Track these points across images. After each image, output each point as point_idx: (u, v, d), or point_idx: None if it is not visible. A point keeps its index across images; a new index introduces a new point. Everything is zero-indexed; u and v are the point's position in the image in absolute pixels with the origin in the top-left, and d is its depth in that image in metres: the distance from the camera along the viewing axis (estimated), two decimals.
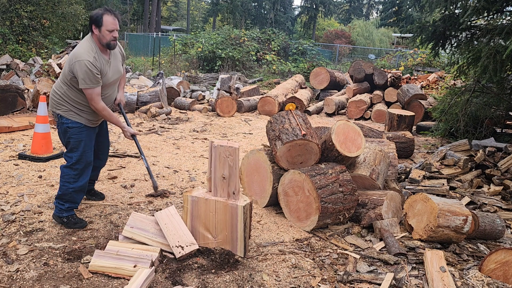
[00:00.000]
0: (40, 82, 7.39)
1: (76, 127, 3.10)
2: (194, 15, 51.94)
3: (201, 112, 8.99)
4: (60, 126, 3.15)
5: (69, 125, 3.09)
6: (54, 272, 2.57)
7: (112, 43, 3.00)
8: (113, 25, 2.93)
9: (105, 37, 2.94)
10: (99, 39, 2.97)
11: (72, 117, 3.09)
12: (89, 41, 2.98)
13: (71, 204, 3.21)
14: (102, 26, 2.91)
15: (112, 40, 2.98)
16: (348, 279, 2.68)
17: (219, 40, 16.92)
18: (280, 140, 3.50)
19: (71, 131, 3.10)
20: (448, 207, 3.22)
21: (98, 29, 2.93)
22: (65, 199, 3.18)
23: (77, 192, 3.21)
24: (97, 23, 2.91)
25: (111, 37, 2.95)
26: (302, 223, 3.41)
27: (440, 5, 5.68)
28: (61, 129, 3.16)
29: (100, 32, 2.93)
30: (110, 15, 2.92)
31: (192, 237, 2.89)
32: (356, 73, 10.80)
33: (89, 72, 2.88)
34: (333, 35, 35.28)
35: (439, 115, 6.88)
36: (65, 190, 3.17)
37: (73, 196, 3.20)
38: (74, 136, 3.11)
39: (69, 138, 3.12)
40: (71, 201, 3.21)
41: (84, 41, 3.00)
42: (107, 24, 2.90)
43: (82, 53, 2.90)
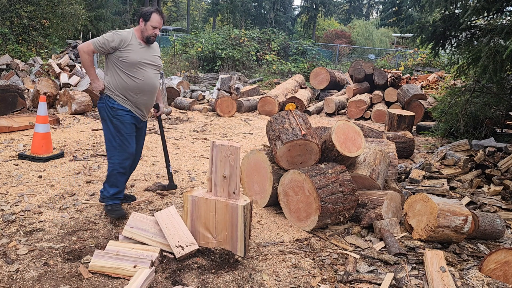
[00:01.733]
0: (40, 82, 7.39)
1: (121, 109, 3.34)
2: (194, 15, 51.93)
3: (201, 112, 8.99)
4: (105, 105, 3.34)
5: (115, 106, 3.32)
6: (54, 272, 2.57)
7: (152, 38, 3.35)
8: (157, 23, 3.31)
9: (148, 31, 3.31)
10: (142, 31, 3.33)
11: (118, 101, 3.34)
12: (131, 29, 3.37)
13: (115, 189, 3.41)
14: (148, 21, 3.28)
15: (152, 36, 3.34)
16: (348, 279, 2.68)
17: (219, 40, 16.93)
18: (280, 140, 3.50)
19: (116, 111, 3.33)
20: (448, 207, 3.22)
21: (144, 22, 3.30)
22: (111, 181, 3.39)
23: (120, 174, 3.41)
24: (145, 17, 3.29)
25: (152, 32, 3.32)
26: (302, 223, 3.41)
27: (440, 5, 5.68)
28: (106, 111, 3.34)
29: (145, 25, 3.30)
30: (158, 15, 3.31)
31: (192, 237, 2.89)
32: (356, 73, 10.80)
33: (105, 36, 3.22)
34: (333, 35, 35.27)
35: (439, 115, 6.88)
36: (110, 171, 3.39)
37: (117, 178, 3.40)
38: (118, 117, 3.33)
39: (113, 117, 3.32)
40: (115, 185, 3.40)
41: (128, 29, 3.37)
42: (153, 20, 3.29)
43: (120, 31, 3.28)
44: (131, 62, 3.29)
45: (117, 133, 3.35)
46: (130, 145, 3.42)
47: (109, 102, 3.32)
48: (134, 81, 3.33)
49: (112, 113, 3.32)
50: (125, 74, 3.30)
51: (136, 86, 3.35)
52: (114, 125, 3.33)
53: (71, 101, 7.31)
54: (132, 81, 3.32)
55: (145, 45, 3.38)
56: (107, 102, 3.33)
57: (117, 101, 3.32)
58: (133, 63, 3.30)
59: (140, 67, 3.34)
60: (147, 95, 3.44)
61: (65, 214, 3.41)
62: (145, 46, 3.38)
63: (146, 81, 3.39)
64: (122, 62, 3.27)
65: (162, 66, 3.62)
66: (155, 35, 3.35)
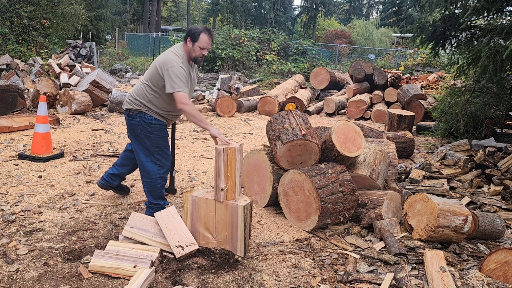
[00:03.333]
0: (40, 82, 7.39)
1: (159, 124, 3.25)
2: (194, 15, 51.95)
3: (201, 112, 8.99)
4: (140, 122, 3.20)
5: (152, 122, 3.21)
6: (54, 272, 2.57)
7: (199, 59, 3.20)
8: (206, 44, 3.15)
9: (195, 52, 3.15)
10: (189, 51, 3.17)
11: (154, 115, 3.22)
12: (179, 48, 3.17)
13: (161, 200, 3.38)
14: (197, 42, 3.11)
15: (200, 57, 3.18)
16: (348, 279, 2.68)
17: (219, 40, 16.92)
18: (280, 140, 3.50)
19: (154, 127, 3.22)
20: (448, 207, 3.22)
21: (192, 43, 3.13)
22: (155, 195, 3.33)
23: (163, 186, 3.37)
24: (193, 37, 3.12)
25: (200, 53, 3.16)
26: (302, 223, 3.41)
27: (440, 5, 5.68)
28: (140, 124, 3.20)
29: (193, 46, 3.13)
30: (207, 35, 3.14)
31: (192, 237, 2.89)
32: (356, 73, 10.80)
33: (181, 75, 3.04)
34: (333, 35, 35.27)
35: (439, 115, 6.88)
36: (153, 186, 3.31)
37: (161, 191, 3.36)
38: (156, 132, 3.23)
39: (150, 133, 3.22)
40: (160, 197, 3.37)
41: (174, 48, 3.17)
42: (202, 41, 3.12)
43: (173, 59, 3.06)
44: None
45: (156, 148, 3.26)
46: (169, 157, 3.39)
47: (145, 119, 3.19)
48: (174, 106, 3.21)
49: (150, 129, 3.21)
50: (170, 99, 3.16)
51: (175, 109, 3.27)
52: (152, 141, 3.23)
53: (71, 101, 7.32)
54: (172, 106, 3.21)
55: (191, 68, 3.26)
56: (143, 119, 3.19)
57: (154, 117, 3.21)
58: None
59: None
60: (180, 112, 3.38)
61: (65, 214, 3.41)
62: (191, 70, 3.26)
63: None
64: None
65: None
66: (203, 56, 3.19)
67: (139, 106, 3.21)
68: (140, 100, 3.21)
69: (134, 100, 3.23)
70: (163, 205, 3.38)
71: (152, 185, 3.32)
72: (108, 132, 6.49)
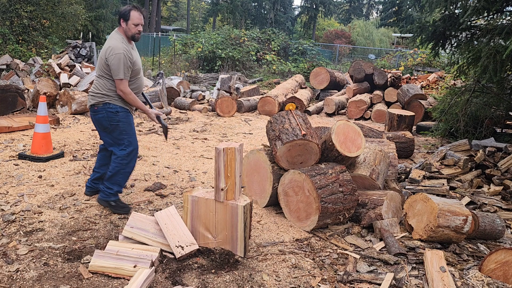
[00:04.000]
0: (40, 82, 7.39)
1: (124, 111, 3.39)
2: (194, 15, 51.94)
3: (201, 112, 8.99)
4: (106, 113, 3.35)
5: (118, 109, 3.35)
6: (54, 272, 2.57)
7: (137, 36, 3.34)
8: (138, 20, 3.29)
9: (131, 30, 3.30)
10: (125, 31, 3.32)
11: (118, 103, 3.37)
12: (116, 33, 3.32)
13: (118, 187, 3.50)
14: (129, 20, 3.26)
15: (137, 33, 3.32)
16: (348, 279, 2.68)
17: (219, 40, 16.92)
18: (280, 140, 3.50)
19: (120, 114, 3.36)
20: (448, 207, 3.22)
21: (125, 22, 3.28)
22: (114, 181, 3.45)
23: (126, 175, 3.50)
24: (125, 17, 3.26)
25: (136, 30, 3.30)
26: (302, 223, 3.41)
27: (440, 5, 5.67)
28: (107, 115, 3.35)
29: (127, 25, 3.28)
30: (136, 11, 3.28)
31: (192, 237, 2.89)
32: (356, 73, 10.80)
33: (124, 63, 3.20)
34: (333, 35, 35.27)
35: (439, 115, 6.87)
36: (116, 172, 3.43)
37: (122, 178, 3.49)
38: (123, 119, 3.37)
39: (118, 121, 3.36)
40: (118, 184, 3.48)
41: (113, 34, 3.33)
42: (133, 18, 3.26)
43: (114, 46, 3.22)
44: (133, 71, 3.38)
45: (125, 135, 3.41)
46: (136, 142, 3.51)
47: (110, 109, 3.34)
48: (134, 85, 3.43)
49: (117, 118, 3.36)
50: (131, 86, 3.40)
51: (135, 88, 3.45)
52: (120, 128, 3.38)
53: (71, 101, 7.32)
54: (132, 84, 3.41)
55: (132, 45, 3.40)
56: (108, 109, 3.34)
57: (118, 105, 3.36)
58: (135, 71, 3.39)
59: (138, 71, 3.45)
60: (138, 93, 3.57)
61: (65, 214, 3.41)
62: (132, 46, 3.40)
63: (141, 82, 3.54)
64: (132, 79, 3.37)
65: None
66: (139, 32, 3.33)
67: (102, 98, 3.34)
68: (101, 92, 3.34)
69: (96, 94, 3.37)
70: (115, 191, 3.49)
71: (117, 169, 3.44)
72: None
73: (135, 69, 3.38)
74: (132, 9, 3.26)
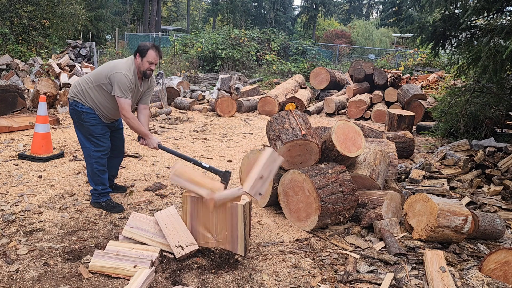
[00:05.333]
0: (40, 82, 7.39)
1: (90, 112, 3.41)
2: (194, 15, 51.94)
3: (201, 112, 8.99)
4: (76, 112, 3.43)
5: (84, 110, 3.39)
6: (54, 272, 2.57)
7: (148, 73, 3.42)
8: (154, 60, 3.37)
9: (144, 66, 3.36)
10: (138, 66, 3.38)
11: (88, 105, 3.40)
12: (131, 62, 3.39)
13: (103, 186, 3.54)
14: (145, 57, 3.33)
15: (148, 70, 3.40)
16: (348, 279, 2.67)
17: (219, 40, 16.92)
18: (280, 140, 3.50)
19: (85, 115, 3.40)
20: (448, 207, 3.22)
21: (141, 58, 3.35)
22: (95, 180, 3.50)
23: (101, 172, 3.52)
24: (142, 53, 3.34)
25: (148, 67, 3.38)
26: (302, 223, 3.41)
27: (440, 5, 5.67)
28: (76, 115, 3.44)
29: (142, 61, 3.35)
30: (155, 51, 3.35)
31: (192, 237, 2.89)
32: (356, 73, 10.80)
33: (126, 84, 3.28)
34: (333, 35, 35.26)
35: (439, 115, 6.87)
36: (92, 172, 3.49)
37: (100, 176, 3.51)
38: (87, 120, 3.40)
39: (83, 121, 3.40)
40: (101, 183, 3.52)
41: (128, 60, 3.40)
42: (149, 57, 3.34)
43: (123, 66, 3.30)
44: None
45: (89, 135, 3.45)
46: (105, 143, 3.52)
47: (77, 107, 3.40)
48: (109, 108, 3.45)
49: (82, 117, 3.40)
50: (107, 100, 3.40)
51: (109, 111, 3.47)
52: (84, 128, 3.43)
53: None
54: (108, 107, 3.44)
55: (140, 84, 3.47)
56: (75, 107, 3.42)
57: (86, 105, 3.40)
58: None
59: None
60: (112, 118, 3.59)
61: (65, 214, 3.41)
62: (141, 85, 3.47)
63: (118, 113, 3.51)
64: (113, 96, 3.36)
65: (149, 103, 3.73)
66: (151, 70, 3.41)
67: (74, 94, 3.42)
68: (77, 88, 3.42)
69: (73, 88, 3.45)
70: (101, 191, 3.53)
71: (91, 170, 3.50)
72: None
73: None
74: (151, 48, 3.34)
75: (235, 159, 5.47)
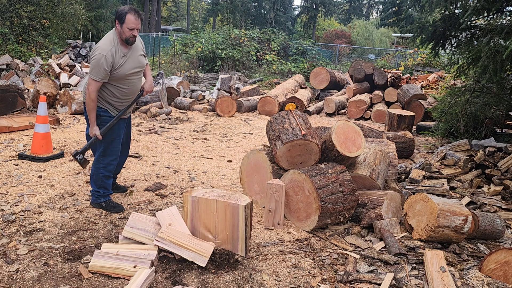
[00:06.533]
0: (40, 82, 7.39)
1: (105, 115, 3.35)
2: (194, 15, 51.94)
3: (201, 112, 8.99)
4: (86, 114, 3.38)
5: (100, 113, 3.33)
6: (54, 272, 2.57)
7: (131, 40, 3.20)
8: (134, 24, 3.13)
9: (125, 33, 3.16)
10: (119, 34, 3.19)
11: (106, 108, 3.35)
12: (112, 34, 3.23)
13: (105, 190, 3.52)
14: (124, 23, 3.12)
15: (131, 37, 3.18)
16: (348, 279, 2.67)
17: (219, 40, 16.92)
18: (280, 140, 3.50)
19: (101, 119, 3.34)
20: (448, 207, 3.22)
21: (120, 25, 3.15)
22: (98, 184, 3.48)
23: (106, 178, 3.50)
24: (120, 19, 3.13)
25: (130, 34, 3.17)
26: (302, 223, 3.41)
27: (440, 5, 5.67)
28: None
29: (121, 28, 3.15)
30: (133, 15, 3.12)
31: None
32: (356, 73, 10.80)
33: (100, 65, 3.11)
34: (333, 35, 35.26)
35: (439, 115, 6.87)
36: (96, 176, 3.47)
37: (104, 181, 3.49)
38: (104, 124, 3.35)
39: (99, 125, 3.35)
40: (103, 187, 3.50)
41: (108, 34, 3.25)
42: (128, 22, 3.11)
43: (101, 46, 3.15)
44: (118, 77, 3.28)
45: (110, 141, 3.41)
46: (116, 149, 3.48)
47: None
48: (120, 91, 3.36)
49: (98, 121, 3.35)
50: (112, 85, 3.30)
51: (122, 95, 3.39)
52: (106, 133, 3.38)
53: (71, 101, 7.31)
54: (119, 90, 3.35)
55: (127, 50, 3.26)
56: None
57: (103, 108, 3.35)
58: (121, 78, 3.29)
59: (126, 79, 3.33)
60: (130, 99, 3.50)
61: (65, 214, 3.41)
62: (128, 51, 3.27)
63: (131, 89, 3.43)
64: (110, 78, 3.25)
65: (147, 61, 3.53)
66: (133, 36, 3.19)
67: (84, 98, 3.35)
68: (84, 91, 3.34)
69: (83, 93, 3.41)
70: (103, 194, 3.51)
71: (96, 174, 3.47)
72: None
73: (118, 75, 3.24)
74: (128, 12, 3.11)
75: (235, 159, 5.47)
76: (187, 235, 2.83)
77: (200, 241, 2.81)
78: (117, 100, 3.38)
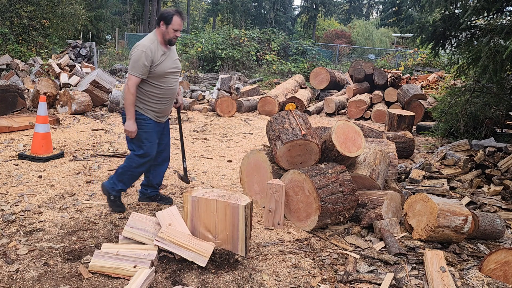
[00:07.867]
0: (40, 82, 7.39)
1: (142, 119, 3.35)
2: (194, 15, 51.93)
3: (201, 112, 8.99)
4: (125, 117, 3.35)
5: (137, 117, 3.33)
6: (54, 272, 2.57)
7: (173, 41, 3.34)
8: (179, 26, 3.28)
9: (169, 34, 3.27)
10: (163, 34, 3.28)
11: (140, 110, 3.34)
12: (153, 34, 3.31)
13: (123, 186, 3.51)
14: (170, 24, 3.23)
15: (174, 38, 3.31)
16: (348, 279, 2.67)
17: (219, 40, 16.91)
18: (280, 140, 3.50)
19: (138, 122, 3.33)
20: (448, 207, 3.22)
21: (165, 26, 3.24)
22: (121, 178, 3.47)
23: (133, 177, 3.51)
24: (166, 20, 3.23)
25: (174, 35, 3.28)
26: (302, 223, 3.41)
27: (440, 5, 5.67)
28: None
29: (167, 29, 3.25)
30: (179, 17, 3.26)
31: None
32: (356, 73, 10.80)
33: (140, 61, 3.16)
34: (333, 35, 35.24)
35: (439, 115, 6.87)
36: (126, 170, 3.45)
37: (129, 179, 3.50)
38: (141, 127, 3.34)
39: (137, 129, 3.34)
40: (124, 183, 3.49)
41: (149, 34, 3.33)
42: (174, 23, 3.24)
43: (141, 43, 3.23)
44: (157, 75, 3.29)
45: (140, 142, 3.38)
46: (151, 153, 3.43)
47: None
48: (159, 90, 3.34)
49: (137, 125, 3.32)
50: (150, 84, 3.29)
51: (161, 95, 3.36)
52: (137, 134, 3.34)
53: (71, 101, 7.32)
54: (157, 90, 3.33)
55: (167, 50, 3.34)
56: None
57: (138, 111, 3.32)
58: (160, 75, 3.30)
59: (165, 77, 3.34)
60: (169, 101, 3.47)
61: (65, 214, 3.41)
62: (167, 51, 3.34)
63: (170, 89, 3.42)
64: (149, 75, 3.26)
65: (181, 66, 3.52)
66: (176, 37, 3.32)
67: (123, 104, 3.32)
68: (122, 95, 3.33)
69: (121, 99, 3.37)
70: (119, 189, 3.49)
71: (127, 169, 3.45)
72: (108, 132, 6.49)
73: (157, 71, 3.27)
74: (175, 14, 3.23)
75: (235, 159, 5.47)
76: (187, 235, 2.83)
77: (200, 241, 2.81)
78: (155, 100, 3.35)
